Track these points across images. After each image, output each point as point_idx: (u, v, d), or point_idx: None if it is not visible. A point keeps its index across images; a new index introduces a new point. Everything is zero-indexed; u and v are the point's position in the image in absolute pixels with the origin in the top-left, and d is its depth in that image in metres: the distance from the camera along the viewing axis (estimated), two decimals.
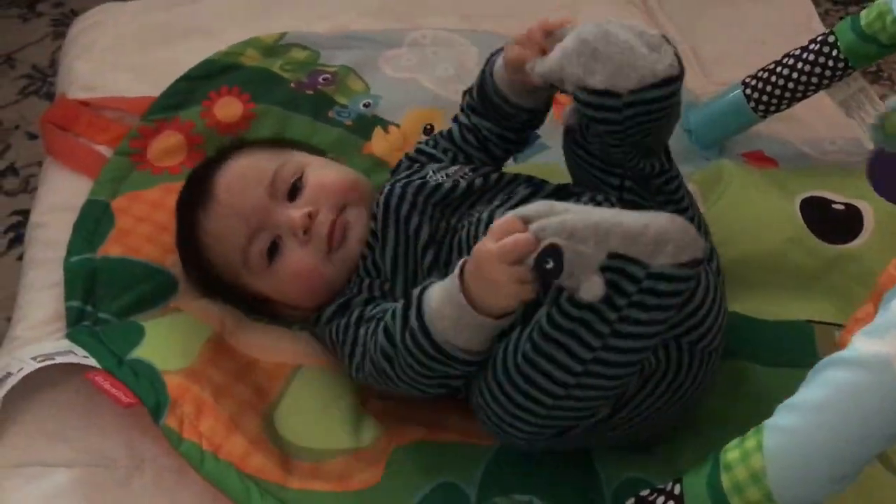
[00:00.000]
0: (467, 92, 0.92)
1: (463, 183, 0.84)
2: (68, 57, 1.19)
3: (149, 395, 0.77)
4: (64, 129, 1.06)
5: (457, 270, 0.68)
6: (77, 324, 0.86)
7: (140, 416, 0.77)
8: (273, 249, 0.83)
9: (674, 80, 0.73)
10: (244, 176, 0.85)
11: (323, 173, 0.86)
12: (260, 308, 0.88)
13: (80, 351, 0.80)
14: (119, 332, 0.84)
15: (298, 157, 0.88)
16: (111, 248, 0.91)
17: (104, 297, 0.88)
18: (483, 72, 0.89)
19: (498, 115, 0.89)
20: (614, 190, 0.82)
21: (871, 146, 0.99)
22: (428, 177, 0.85)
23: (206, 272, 0.87)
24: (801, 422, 0.56)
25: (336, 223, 0.83)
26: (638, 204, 0.81)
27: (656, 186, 0.81)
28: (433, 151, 0.92)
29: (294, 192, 0.84)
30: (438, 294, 0.69)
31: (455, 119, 0.93)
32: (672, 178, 0.82)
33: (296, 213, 0.82)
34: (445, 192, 0.83)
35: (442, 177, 0.85)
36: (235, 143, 0.93)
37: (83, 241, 0.92)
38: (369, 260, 0.84)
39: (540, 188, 0.85)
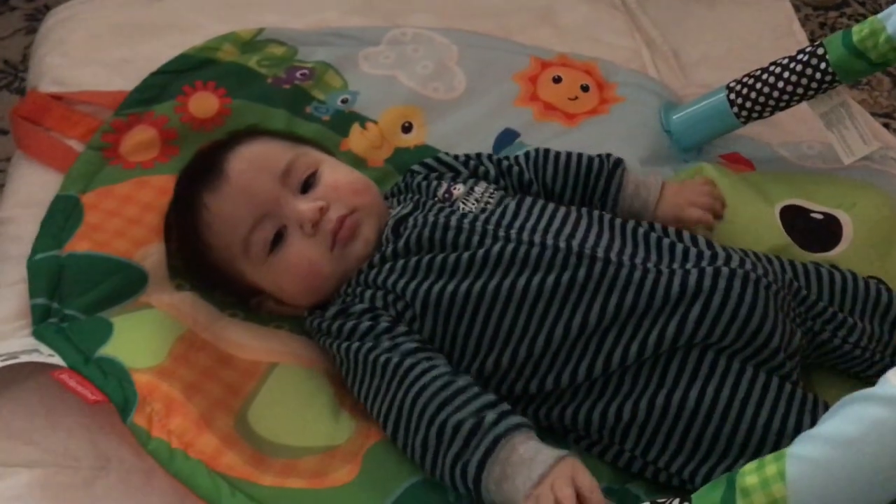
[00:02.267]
0: (543, 162, 0.93)
1: (492, 204, 0.85)
2: (40, 51, 1.17)
3: (117, 393, 0.75)
4: (34, 122, 1.04)
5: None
6: (43, 321, 0.84)
7: (106, 415, 0.76)
8: (277, 239, 0.83)
9: None
10: (258, 160, 0.85)
11: (338, 173, 0.87)
12: (247, 298, 0.87)
13: (46, 349, 0.79)
14: (87, 328, 0.82)
15: (313, 153, 0.88)
16: (78, 245, 0.89)
17: (70, 294, 0.86)
18: (602, 173, 0.92)
19: (571, 198, 0.93)
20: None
21: (847, 161, 0.99)
22: (459, 208, 0.85)
23: (199, 255, 0.86)
24: (828, 454, 0.55)
25: (346, 221, 0.83)
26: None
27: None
28: (453, 162, 0.93)
29: (307, 186, 0.85)
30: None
31: (497, 163, 0.93)
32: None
33: (307, 205, 0.83)
34: (476, 216, 0.83)
35: (472, 205, 0.85)
36: (250, 129, 0.93)
37: (50, 239, 0.90)
38: (374, 276, 0.82)
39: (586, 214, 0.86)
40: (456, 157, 0.94)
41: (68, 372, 0.76)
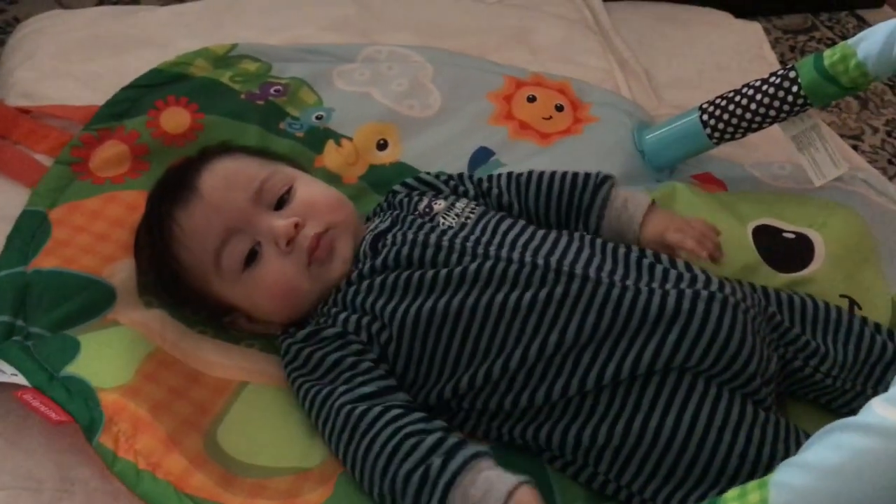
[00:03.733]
0: (526, 185, 0.93)
1: (471, 221, 0.84)
2: (9, 63, 1.15)
3: (82, 413, 0.73)
4: (1, 136, 1.02)
5: None
6: (7, 339, 0.82)
7: (71, 436, 0.74)
8: (251, 256, 0.82)
9: None
10: (231, 177, 0.84)
11: (312, 190, 0.86)
12: (220, 317, 0.86)
13: (9, 368, 0.77)
14: (52, 346, 0.80)
15: (287, 170, 0.88)
16: (44, 261, 0.88)
17: (36, 311, 0.84)
18: (587, 190, 0.91)
19: (555, 220, 0.92)
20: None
21: (818, 183, 1.00)
22: (440, 223, 0.85)
23: (170, 272, 0.85)
24: (811, 483, 0.55)
25: (321, 239, 0.82)
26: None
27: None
28: (434, 181, 0.93)
29: (281, 202, 0.84)
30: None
31: (478, 184, 0.93)
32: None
33: (282, 221, 0.82)
34: (456, 232, 0.83)
35: (452, 220, 0.85)
36: (223, 145, 0.92)
37: (16, 254, 0.89)
38: (351, 296, 0.81)
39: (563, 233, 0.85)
40: (437, 176, 0.94)
41: (32, 391, 0.74)
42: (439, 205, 0.88)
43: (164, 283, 0.87)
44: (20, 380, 0.75)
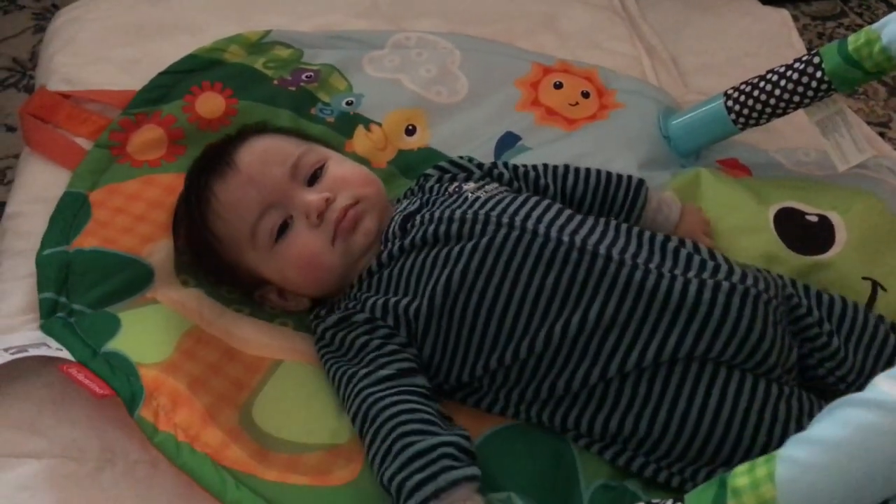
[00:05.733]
0: (564, 174, 0.94)
1: (497, 196, 0.85)
2: (49, 49, 1.18)
3: (124, 388, 0.76)
4: (43, 120, 1.05)
5: None
6: (51, 315, 0.85)
7: (113, 410, 0.77)
8: (283, 228, 0.85)
9: None
10: (268, 153, 0.87)
11: (344, 167, 0.90)
12: (253, 290, 0.88)
13: (54, 343, 0.80)
14: (94, 323, 0.83)
15: (321, 149, 0.91)
16: (85, 241, 0.91)
17: (78, 289, 0.87)
18: (626, 189, 0.93)
19: (589, 209, 0.93)
20: None
21: (841, 168, 1.01)
22: (468, 196, 0.86)
23: (206, 245, 0.87)
24: (817, 457, 0.56)
25: (349, 211, 0.85)
26: None
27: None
28: (466, 164, 0.94)
29: (314, 178, 0.87)
30: None
31: (513, 169, 0.94)
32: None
33: (314, 196, 0.85)
34: (483, 202, 0.84)
35: (482, 194, 0.86)
36: (259, 125, 0.96)
37: (58, 234, 0.92)
38: (380, 275, 0.83)
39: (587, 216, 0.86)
40: (470, 160, 0.95)
41: (77, 366, 0.77)
42: (469, 185, 0.89)
43: (200, 256, 0.89)
44: (65, 354, 0.78)
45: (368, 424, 0.74)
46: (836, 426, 0.57)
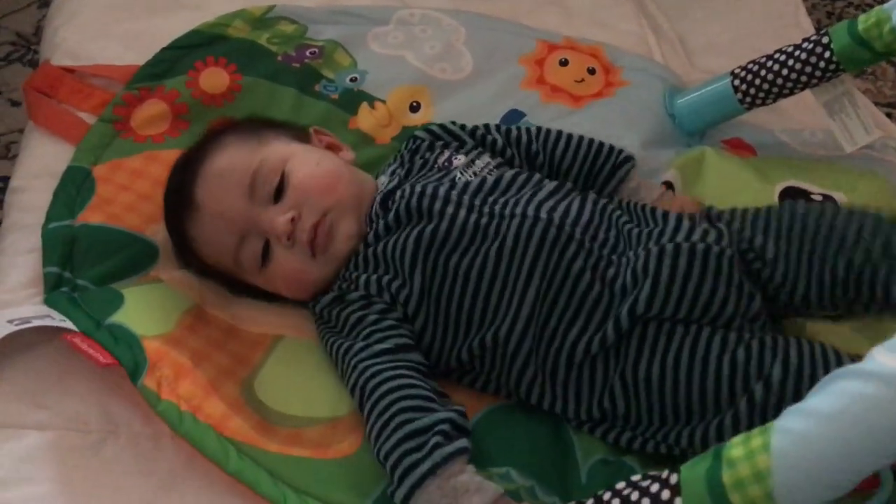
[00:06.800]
0: (555, 139, 0.94)
1: (490, 178, 0.85)
2: (53, 24, 1.17)
3: (127, 357, 0.77)
4: (47, 94, 1.05)
5: None
6: (55, 289, 0.85)
7: (116, 382, 0.77)
8: (265, 251, 0.84)
9: None
10: (223, 178, 0.84)
11: (305, 173, 0.85)
12: (257, 294, 0.88)
13: (58, 315, 0.80)
14: (98, 298, 0.84)
15: (279, 150, 0.86)
16: (91, 216, 0.91)
17: (82, 264, 0.87)
18: (610, 161, 0.93)
19: (575, 178, 0.93)
20: None
21: (848, 150, 1.00)
22: (457, 178, 0.86)
23: (199, 264, 0.88)
24: (812, 428, 0.56)
25: (319, 228, 0.83)
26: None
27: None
28: (459, 132, 0.93)
29: (279, 193, 0.84)
30: None
31: (505, 133, 0.94)
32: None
33: (280, 220, 0.82)
34: (475, 186, 0.84)
35: (470, 175, 0.86)
36: (211, 132, 0.92)
37: (63, 208, 0.92)
38: (366, 254, 0.84)
39: (572, 190, 0.86)
40: (463, 127, 0.95)
41: (80, 335, 0.77)
42: (459, 160, 0.89)
43: (200, 271, 0.88)
44: (69, 325, 0.78)
45: (366, 398, 0.75)
46: (832, 397, 0.57)
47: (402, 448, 0.71)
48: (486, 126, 0.95)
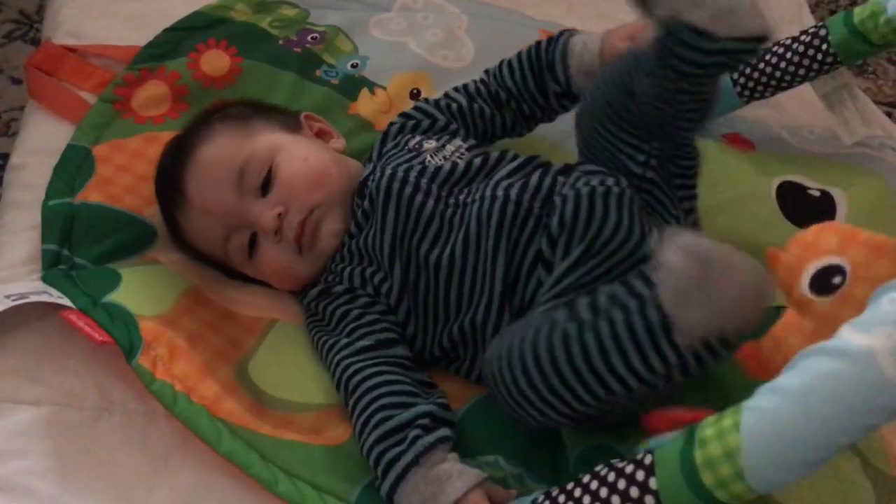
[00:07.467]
0: (500, 66, 0.94)
1: (461, 163, 0.85)
2: (56, 2, 1.17)
3: (123, 336, 0.77)
4: (48, 73, 1.05)
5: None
6: (52, 267, 0.86)
7: (111, 360, 0.78)
8: (252, 243, 0.85)
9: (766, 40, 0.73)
10: (211, 172, 0.85)
11: (293, 167, 0.84)
12: (252, 278, 0.89)
13: (55, 292, 0.80)
14: (95, 277, 0.84)
15: (267, 141, 0.86)
16: (90, 195, 0.91)
17: (81, 243, 0.88)
18: (550, 46, 0.92)
19: (535, 90, 0.92)
20: (638, 166, 0.81)
21: (847, 142, 1.00)
22: (427, 161, 0.86)
23: (193, 251, 0.89)
24: (780, 405, 0.57)
25: (306, 226, 0.84)
26: (653, 194, 0.81)
27: (679, 170, 0.82)
28: (431, 110, 0.93)
29: (266, 185, 0.84)
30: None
31: (465, 89, 0.94)
32: (693, 164, 0.83)
33: (267, 215, 0.83)
34: (446, 173, 0.84)
35: (440, 160, 0.86)
36: (200, 118, 0.91)
37: (63, 186, 0.92)
38: (350, 246, 0.84)
39: (540, 166, 0.85)
40: (437, 102, 0.94)
41: (77, 312, 0.78)
42: (430, 144, 0.89)
43: (195, 257, 0.89)
44: (66, 302, 0.79)
45: (350, 395, 0.76)
46: (801, 374, 0.57)
47: (384, 444, 0.71)
48: (455, 89, 0.95)
